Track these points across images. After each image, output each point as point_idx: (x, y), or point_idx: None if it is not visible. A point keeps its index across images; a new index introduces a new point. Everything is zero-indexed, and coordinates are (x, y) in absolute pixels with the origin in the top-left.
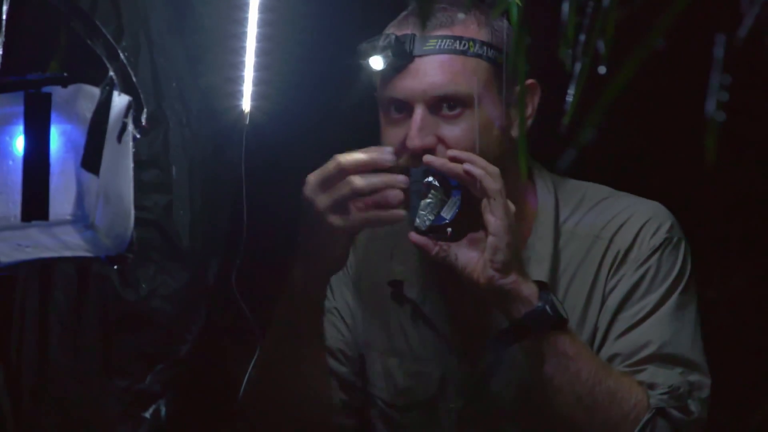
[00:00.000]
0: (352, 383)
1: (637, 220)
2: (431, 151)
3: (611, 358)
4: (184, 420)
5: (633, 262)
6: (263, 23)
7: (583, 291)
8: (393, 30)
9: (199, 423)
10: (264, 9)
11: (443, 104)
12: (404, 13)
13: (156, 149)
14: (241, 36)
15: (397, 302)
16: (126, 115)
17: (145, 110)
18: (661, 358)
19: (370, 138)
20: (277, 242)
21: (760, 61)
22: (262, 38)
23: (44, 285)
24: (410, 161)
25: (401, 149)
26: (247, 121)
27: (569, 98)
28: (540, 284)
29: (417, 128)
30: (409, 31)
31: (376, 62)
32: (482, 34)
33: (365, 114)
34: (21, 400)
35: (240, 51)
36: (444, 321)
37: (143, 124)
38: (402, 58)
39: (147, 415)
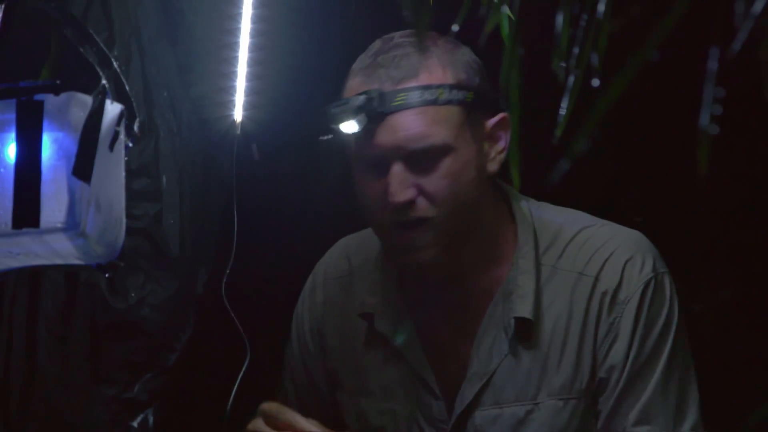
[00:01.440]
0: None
1: (621, 255)
2: (412, 203)
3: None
4: (172, 429)
5: (622, 304)
6: (255, 33)
7: (574, 332)
8: (356, 83)
9: None
10: (256, 19)
11: (420, 157)
12: (365, 61)
13: (146, 158)
14: (233, 46)
15: (368, 337)
16: (118, 124)
17: (137, 119)
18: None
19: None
20: (267, 251)
21: (753, 74)
22: (254, 48)
23: (33, 293)
24: (394, 215)
25: (383, 205)
26: (239, 131)
27: (562, 111)
28: (524, 321)
29: (397, 183)
30: (375, 86)
31: (350, 126)
32: (448, 77)
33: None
34: (9, 408)
35: (232, 61)
36: (417, 355)
37: (135, 132)
38: (374, 118)
39: (135, 424)
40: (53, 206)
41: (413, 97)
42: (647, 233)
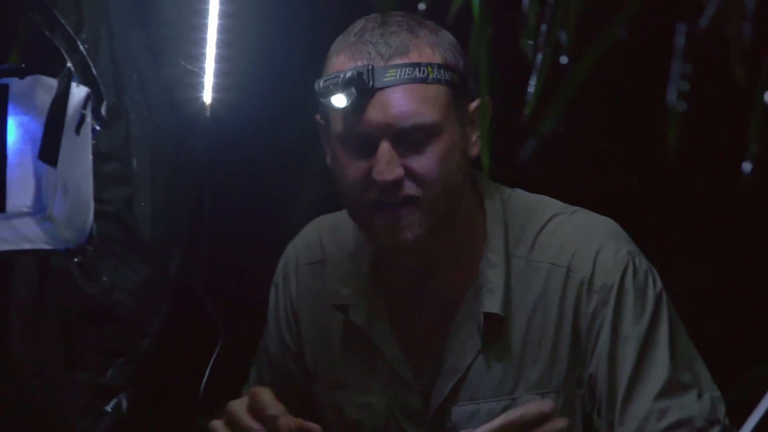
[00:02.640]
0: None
1: (592, 243)
2: (399, 183)
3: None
4: (146, 414)
5: (601, 291)
6: (224, 14)
7: (550, 325)
8: (343, 60)
9: (160, 417)
10: (225, 0)
11: (409, 135)
12: (349, 39)
13: (116, 142)
14: (202, 27)
15: (344, 329)
16: (84, 107)
17: (105, 102)
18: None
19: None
20: (239, 234)
21: (721, 50)
22: (223, 29)
23: (3, 278)
24: (379, 195)
25: (366, 183)
26: (209, 113)
27: (531, 89)
28: (493, 316)
29: (385, 162)
30: (363, 62)
31: (339, 101)
32: (437, 57)
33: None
34: None
35: (201, 42)
36: (392, 350)
37: (103, 115)
38: (364, 93)
39: (108, 408)
40: (19, 190)
41: (404, 73)
42: (620, 212)
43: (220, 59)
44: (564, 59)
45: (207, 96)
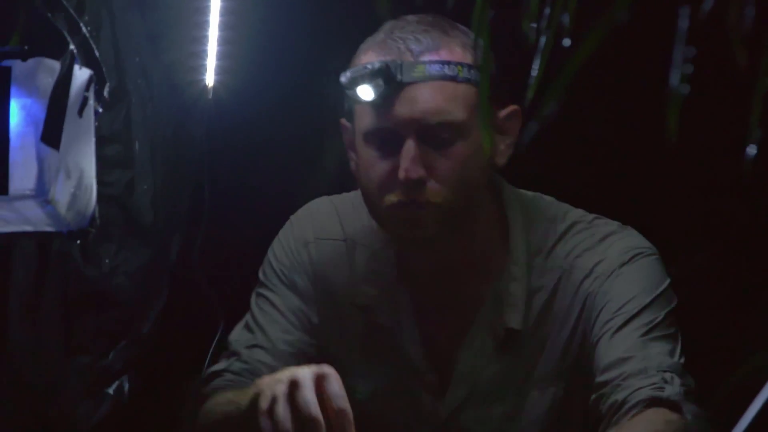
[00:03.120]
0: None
1: (604, 244)
2: (423, 183)
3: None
4: (147, 397)
5: (602, 277)
6: None
7: (562, 330)
8: (372, 55)
9: (161, 400)
10: None
11: (435, 133)
12: (379, 37)
13: (118, 125)
14: (204, 10)
15: (367, 325)
16: (87, 89)
17: (107, 84)
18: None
19: (335, 114)
20: (240, 218)
21: (723, 33)
22: (225, 12)
23: (3, 261)
24: (402, 195)
25: (390, 183)
26: (211, 96)
27: (533, 72)
28: (512, 330)
29: (411, 159)
30: (391, 58)
31: (365, 92)
32: (467, 57)
33: (330, 90)
34: None
35: (203, 25)
36: (418, 353)
37: (105, 97)
38: (393, 85)
39: (110, 392)
40: (21, 173)
41: (433, 69)
42: (621, 200)
43: (223, 42)
44: (567, 42)
45: (209, 79)
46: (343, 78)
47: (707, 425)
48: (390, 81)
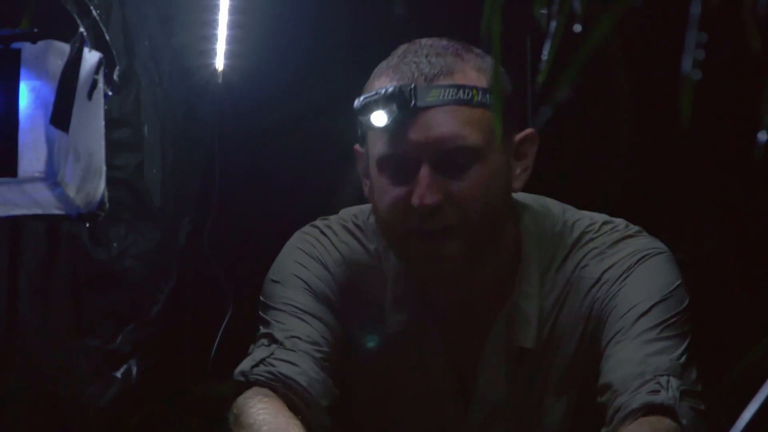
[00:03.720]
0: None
1: (610, 245)
2: (440, 209)
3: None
4: (155, 379)
5: (611, 282)
6: None
7: (577, 344)
8: (385, 80)
9: (170, 383)
10: None
11: (450, 158)
12: (392, 61)
13: (128, 108)
14: None
15: (395, 352)
16: (97, 72)
17: (117, 67)
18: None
19: (345, 98)
20: (249, 201)
21: (736, 19)
22: None
23: (14, 243)
24: (419, 223)
25: (406, 210)
26: (221, 80)
27: (544, 57)
28: (525, 350)
29: (426, 185)
30: (405, 82)
31: (379, 118)
32: (482, 81)
33: (340, 73)
34: None
35: (213, 9)
36: (449, 376)
37: (115, 81)
38: (406, 110)
39: (118, 374)
40: (31, 156)
41: (448, 94)
42: (631, 186)
43: (233, 26)
44: (578, 27)
45: (219, 63)
46: (357, 103)
47: (703, 426)
48: (404, 106)
